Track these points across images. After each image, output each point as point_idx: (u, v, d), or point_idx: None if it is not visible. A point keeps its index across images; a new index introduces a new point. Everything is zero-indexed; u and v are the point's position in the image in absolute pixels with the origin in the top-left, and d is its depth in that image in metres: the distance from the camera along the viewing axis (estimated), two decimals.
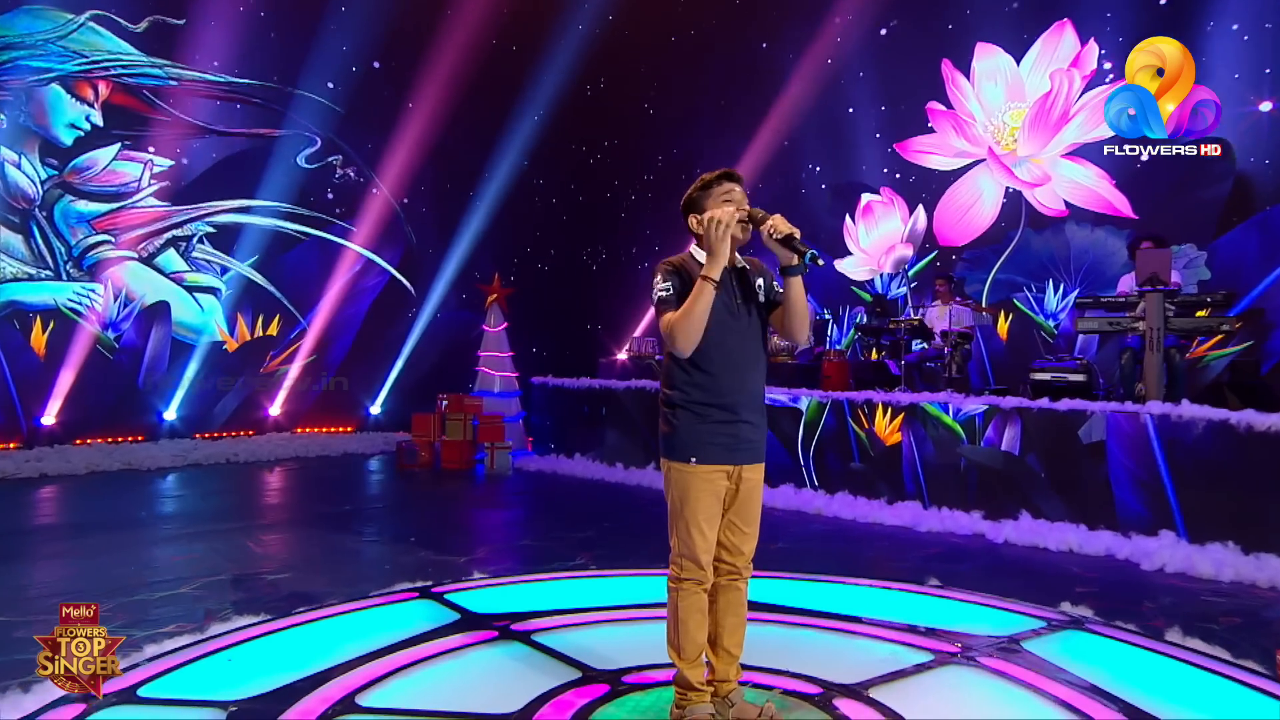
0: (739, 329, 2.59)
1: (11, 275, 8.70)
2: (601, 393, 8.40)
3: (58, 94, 8.90)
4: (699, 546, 2.56)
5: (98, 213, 9.17)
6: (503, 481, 8.13)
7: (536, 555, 5.09)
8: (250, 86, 10.02)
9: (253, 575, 4.59)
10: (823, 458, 6.80)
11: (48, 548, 5.22)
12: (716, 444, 2.55)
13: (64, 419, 8.87)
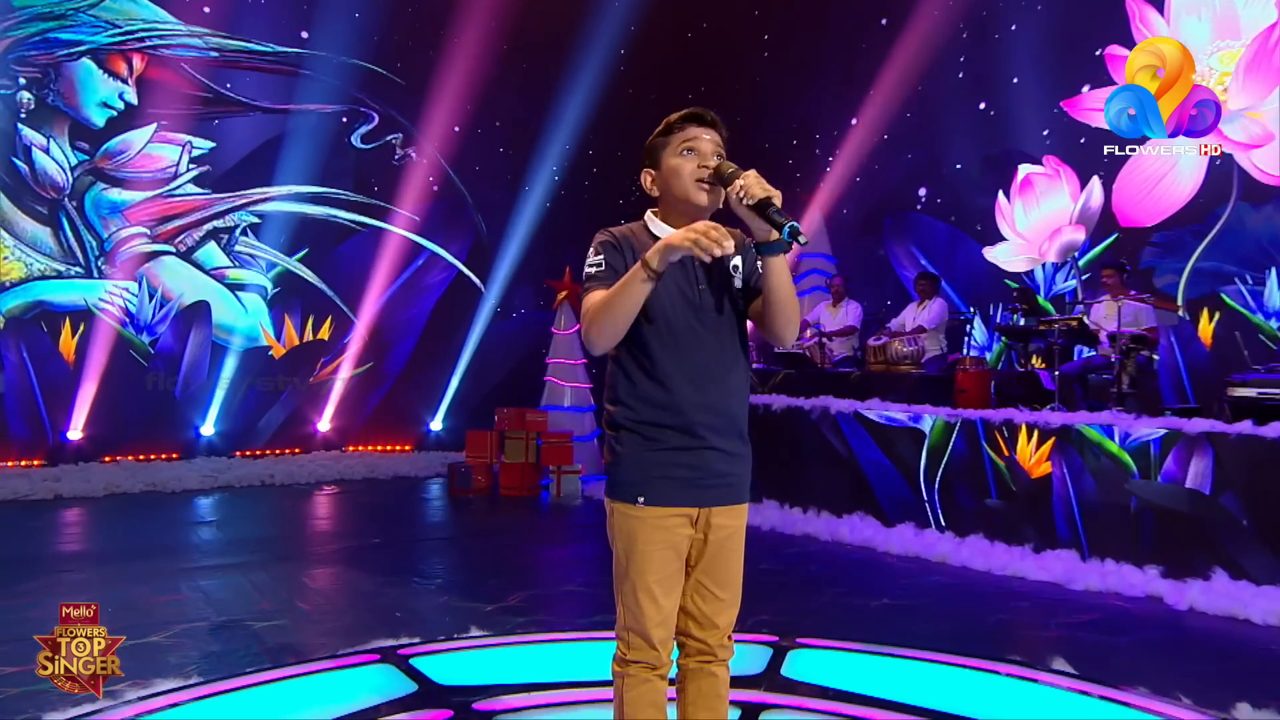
0: (704, 324, 2.21)
1: (39, 272, 9.08)
2: None
3: (89, 69, 9.26)
4: (649, 618, 2.18)
5: (131, 202, 9.48)
6: (569, 512, 7.97)
7: (582, 604, 4.89)
8: (299, 57, 10.19)
9: (237, 623, 4.52)
10: (951, 492, 6.27)
11: (23, 584, 5.27)
12: (673, 479, 2.17)
13: (91, 433, 9.19)
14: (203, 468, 9.15)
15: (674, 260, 2.04)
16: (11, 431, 8.99)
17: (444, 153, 10.92)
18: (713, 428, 2.19)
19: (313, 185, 10.32)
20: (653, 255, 2.03)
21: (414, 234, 10.84)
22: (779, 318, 2.20)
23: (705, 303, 2.21)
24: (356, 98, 10.50)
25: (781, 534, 6.73)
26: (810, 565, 5.86)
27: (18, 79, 8.97)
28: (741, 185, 2.09)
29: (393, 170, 10.73)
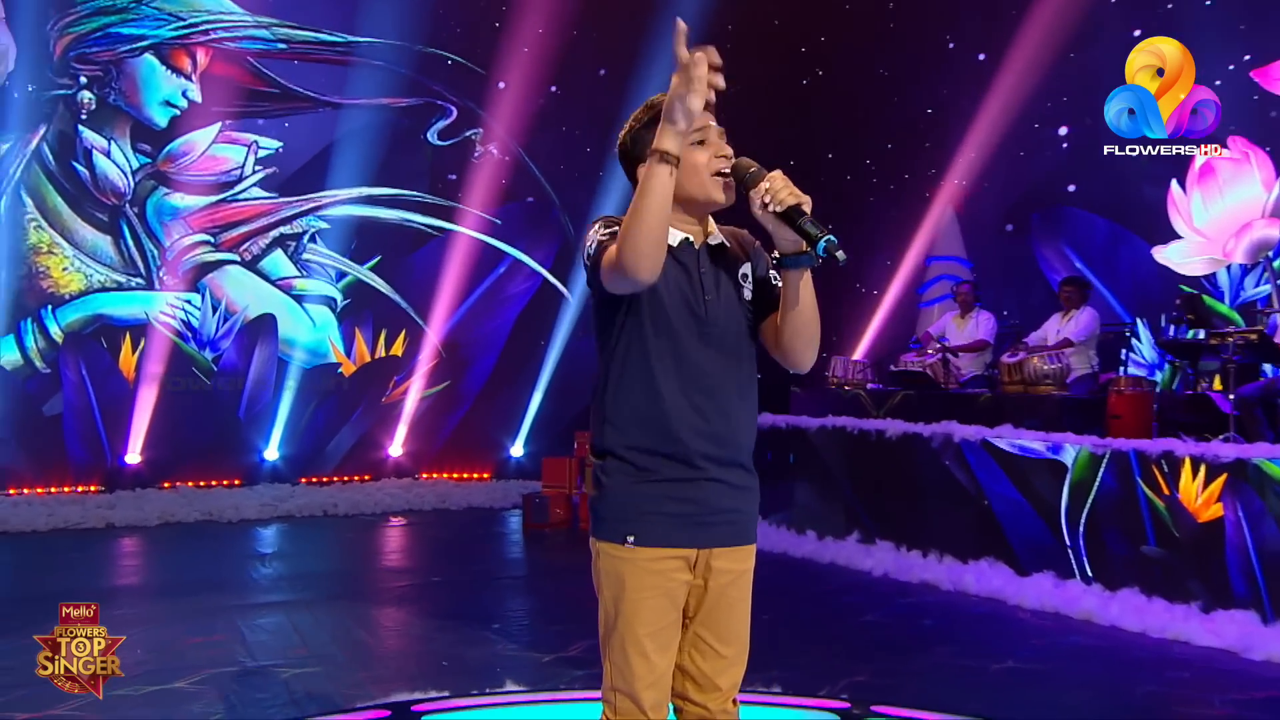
0: (710, 339, 2.16)
1: (99, 284, 9.51)
2: (787, 433, 7.91)
3: (151, 65, 9.68)
4: (639, 677, 2.12)
5: (195, 207, 9.85)
6: None
7: None
8: (372, 46, 10.43)
9: (267, 669, 4.61)
10: (1099, 537, 5.91)
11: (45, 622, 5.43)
12: (668, 515, 2.13)
13: (150, 457, 9.56)
14: (263, 495, 9.41)
15: (689, 125, 1.97)
16: (70, 454, 9.42)
17: (528, 149, 11.00)
18: (715, 457, 2.15)
19: (385, 187, 10.54)
20: (661, 139, 1.95)
21: (494, 239, 10.94)
22: (798, 338, 2.16)
23: (712, 315, 2.16)
24: (434, 90, 10.69)
25: (896, 581, 6.47)
26: (924, 619, 5.61)
27: (79, 78, 9.45)
28: (767, 189, 2.04)
29: (472, 169, 10.86)
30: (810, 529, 7.56)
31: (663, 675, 2.16)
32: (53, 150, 9.42)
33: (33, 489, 9.14)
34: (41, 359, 9.35)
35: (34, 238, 9.38)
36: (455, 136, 10.81)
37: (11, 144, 9.27)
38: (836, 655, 4.84)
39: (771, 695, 4.17)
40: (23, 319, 9.30)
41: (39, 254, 9.41)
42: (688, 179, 2.13)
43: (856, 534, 7.27)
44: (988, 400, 7.16)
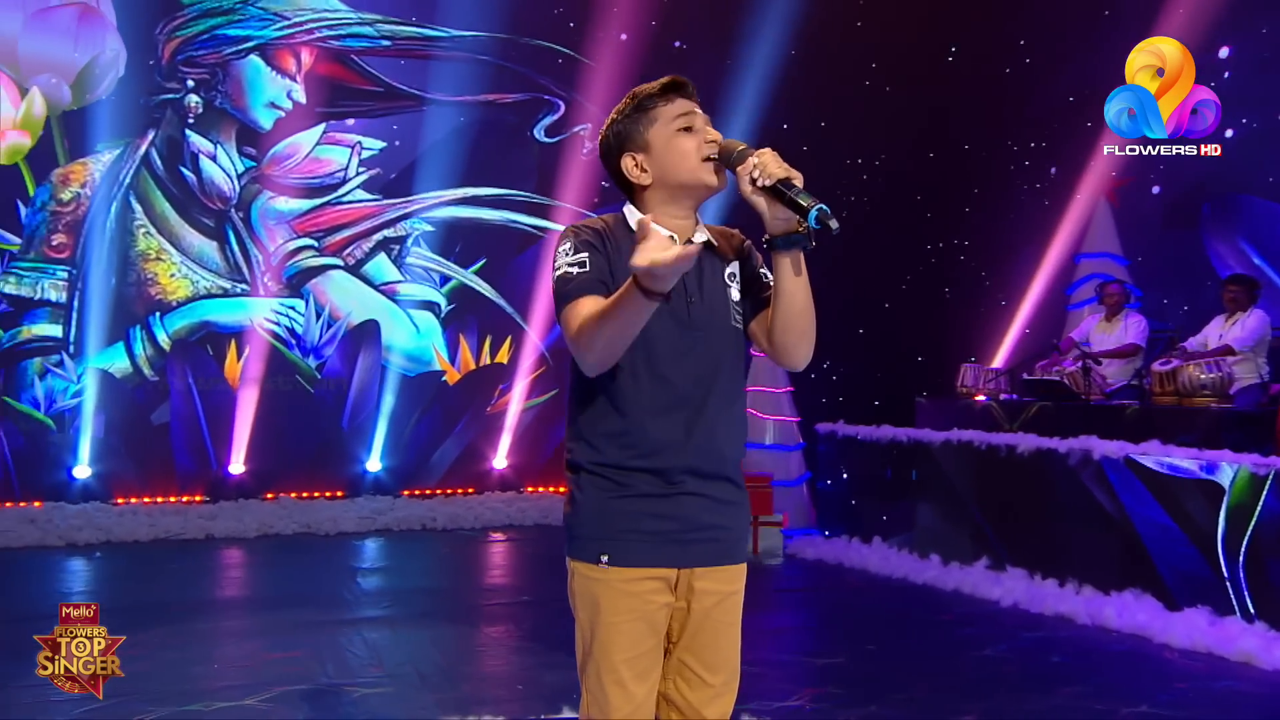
0: (693, 344, 2.15)
1: (205, 291, 9.96)
2: (910, 448, 7.72)
3: (256, 67, 10.11)
4: (615, 708, 2.11)
5: (299, 211, 10.23)
6: (766, 573, 7.82)
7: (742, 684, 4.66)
8: (477, 40, 10.65)
9: (339, 688, 4.73)
10: (1262, 569, 5.58)
11: (140, 633, 5.72)
12: (645, 533, 2.12)
13: (254, 468, 9.95)
14: (363, 508, 9.68)
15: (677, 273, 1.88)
16: (177, 464, 9.89)
17: None
18: (695, 470, 2.13)
19: (490, 187, 10.74)
20: (662, 275, 1.83)
21: None
22: (790, 332, 2.12)
23: (696, 318, 2.15)
24: (540, 84, 10.84)
25: (1026, 613, 6.23)
26: (1052, 655, 5.38)
27: (186, 81, 9.93)
28: (756, 164, 2.04)
29: (580, 166, 10.97)
30: (934, 553, 7.35)
31: (641, 705, 2.14)
32: (161, 155, 9.92)
33: (139, 498, 9.62)
34: (150, 367, 9.84)
35: (142, 244, 9.89)
36: (563, 132, 10.94)
37: (121, 150, 9.81)
38: (945, 692, 4.70)
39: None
40: (131, 326, 9.81)
41: (147, 261, 9.91)
42: (677, 166, 2.17)
43: (985, 560, 7.03)
44: (1135, 413, 6.85)
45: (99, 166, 9.76)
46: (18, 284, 9.54)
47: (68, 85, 9.62)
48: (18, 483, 9.43)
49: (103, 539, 8.65)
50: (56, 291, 9.63)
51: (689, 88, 2.23)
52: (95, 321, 9.70)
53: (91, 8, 9.70)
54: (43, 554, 8.22)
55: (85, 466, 9.54)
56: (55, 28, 9.57)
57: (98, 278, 9.70)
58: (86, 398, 9.62)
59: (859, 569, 7.66)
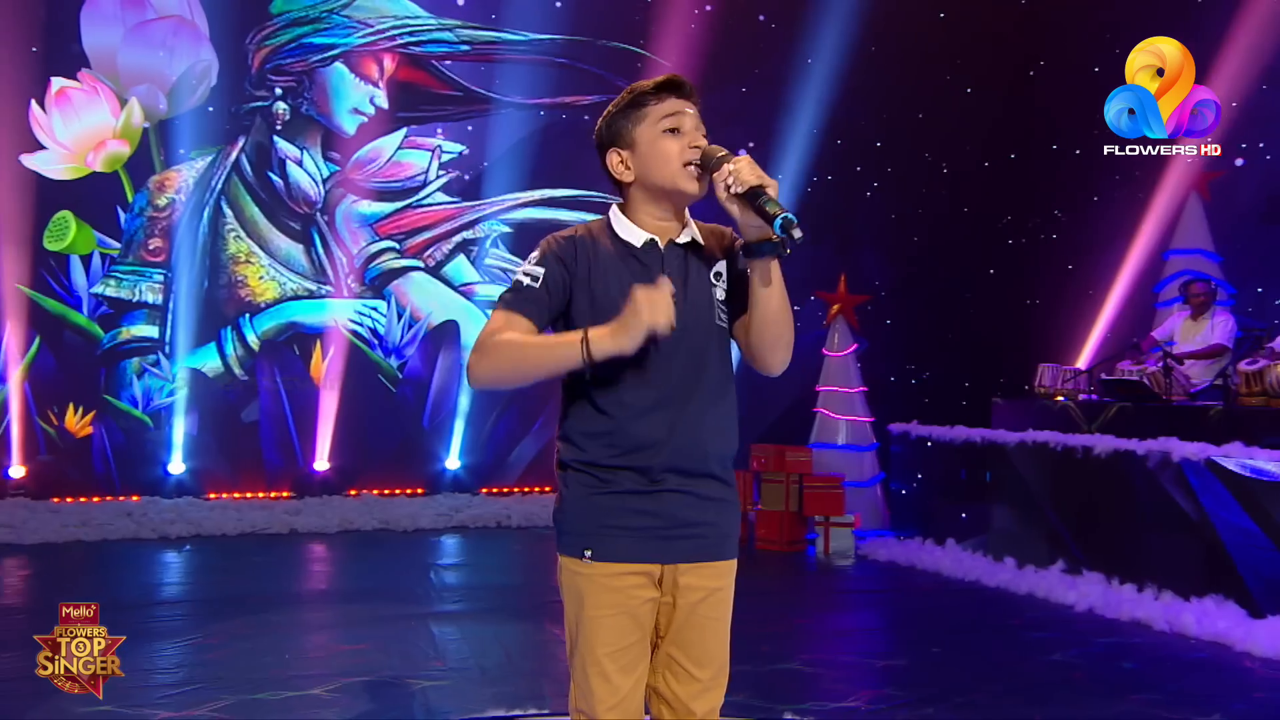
0: (675, 342, 2.13)
1: (292, 292, 10.20)
2: (983, 448, 7.57)
3: (341, 74, 10.32)
4: (600, 700, 2.14)
5: (381, 214, 10.42)
6: (836, 574, 7.76)
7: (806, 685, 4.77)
8: (555, 44, 10.73)
9: (402, 680, 4.80)
10: None
11: (214, 624, 5.90)
12: (628, 529, 2.15)
13: (338, 464, 10.17)
14: (441, 505, 9.84)
15: (633, 343, 2.01)
16: (265, 461, 10.16)
17: (717, 142, 10.98)
18: (678, 468, 2.15)
19: (567, 188, 10.80)
20: (601, 340, 2.01)
21: None
22: (762, 338, 2.14)
23: (679, 318, 2.11)
24: (618, 86, 10.84)
25: (1101, 618, 6.07)
26: (1124, 661, 5.23)
27: (274, 89, 10.19)
28: (731, 171, 2.06)
29: None
30: (1009, 556, 7.19)
31: (626, 697, 2.17)
32: (250, 161, 10.19)
33: (229, 494, 9.90)
34: (240, 366, 10.11)
35: (233, 248, 10.17)
36: None
37: (213, 156, 10.10)
38: (1005, 696, 4.59)
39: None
40: (223, 327, 10.10)
41: (238, 263, 10.19)
42: (657, 169, 2.20)
43: (1061, 563, 6.87)
44: (1219, 414, 6.60)
45: (192, 173, 10.06)
46: (117, 287, 9.88)
47: (164, 95, 9.94)
48: (118, 478, 9.78)
49: (193, 532, 8.93)
50: (153, 294, 9.95)
51: (685, 88, 2.24)
52: (189, 322, 10.00)
53: (186, 20, 10.01)
54: (137, 546, 8.52)
55: (179, 462, 9.84)
56: (152, 40, 9.89)
57: (191, 280, 10.00)
58: (181, 396, 9.93)
59: (931, 571, 7.55)
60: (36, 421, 9.65)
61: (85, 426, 9.80)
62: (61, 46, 9.66)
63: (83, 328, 9.83)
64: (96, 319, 9.83)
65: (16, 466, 9.46)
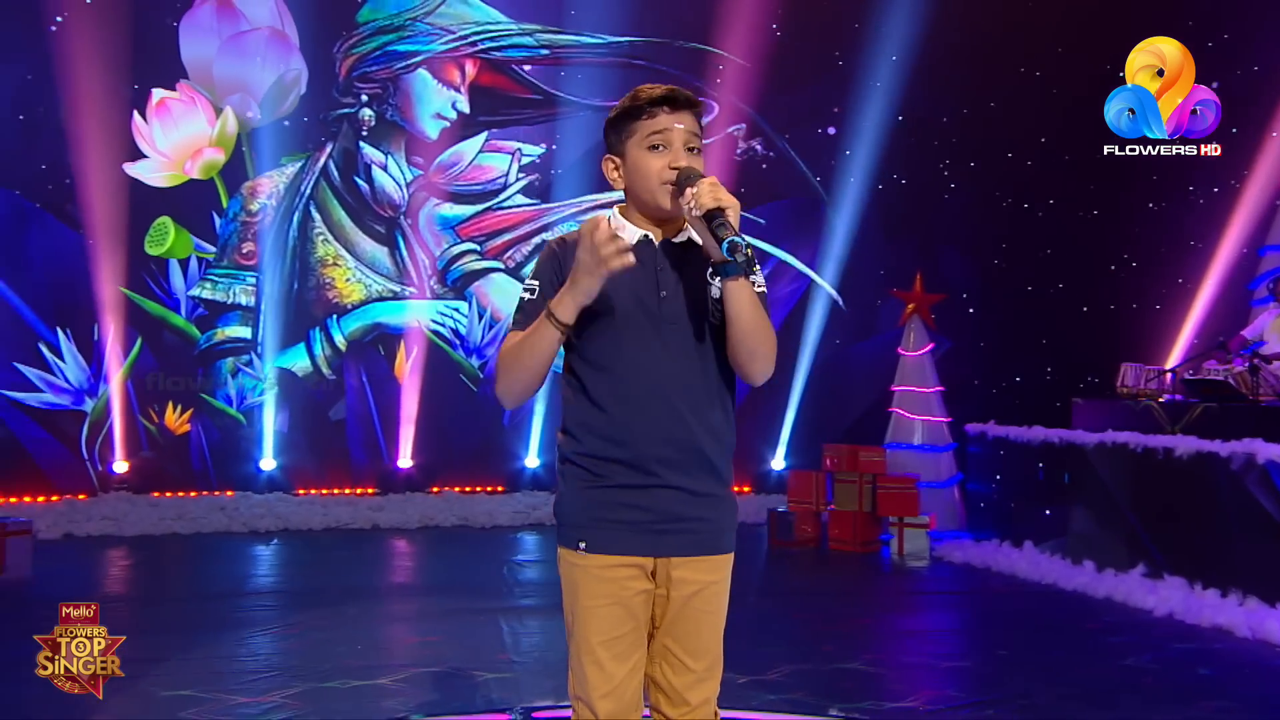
0: (668, 339, 2.19)
1: (377, 294, 10.42)
2: (1061, 449, 7.39)
3: (424, 80, 10.51)
4: (594, 686, 2.19)
5: (462, 217, 10.57)
6: (909, 575, 7.65)
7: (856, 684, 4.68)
8: (633, 46, 10.78)
9: (467, 672, 4.87)
10: None
11: (292, 615, 6.07)
12: (621, 522, 2.19)
13: (421, 462, 10.36)
14: (519, 503, 9.96)
15: (591, 296, 2.09)
16: (352, 458, 10.39)
17: (795, 144, 10.96)
18: (670, 463, 2.18)
19: None
20: (558, 302, 2.11)
21: (758, 239, 10.96)
22: (738, 351, 2.17)
23: (669, 313, 2.20)
24: (695, 86, 10.86)
25: (1181, 623, 5.87)
26: (1201, 667, 5.06)
27: (360, 96, 10.42)
28: (693, 194, 2.08)
29: (734, 167, 10.95)
30: (1088, 559, 7.01)
31: (621, 684, 2.20)
32: (337, 166, 10.44)
33: (317, 490, 10.16)
34: (328, 366, 10.37)
35: (321, 251, 10.42)
36: (717, 134, 10.94)
37: (303, 163, 10.37)
38: (1068, 700, 4.48)
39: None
40: (311, 328, 10.36)
41: (325, 266, 10.44)
42: (640, 184, 2.23)
43: (1142, 567, 6.67)
44: None
45: (283, 179, 10.34)
46: (213, 289, 10.20)
47: (256, 103, 10.23)
48: (214, 474, 10.11)
49: (281, 526, 9.20)
50: (246, 296, 10.25)
51: (679, 101, 2.22)
52: (279, 324, 10.29)
53: (278, 30, 10.28)
54: (229, 539, 8.81)
55: (270, 459, 10.12)
56: (246, 51, 10.19)
57: (281, 283, 10.28)
58: (272, 395, 10.21)
59: (1007, 574, 7.39)
60: (139, 419, 10.02)
61: (183, 424, 10.13)
62: (161, 59, 10.00)
63: (181, 329, 10.18)
64: (193, 320, 10.17)
65: (120, 462, 9.83)
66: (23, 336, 9.67)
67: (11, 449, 9.61)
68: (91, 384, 9.87)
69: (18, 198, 9.68)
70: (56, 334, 9.73)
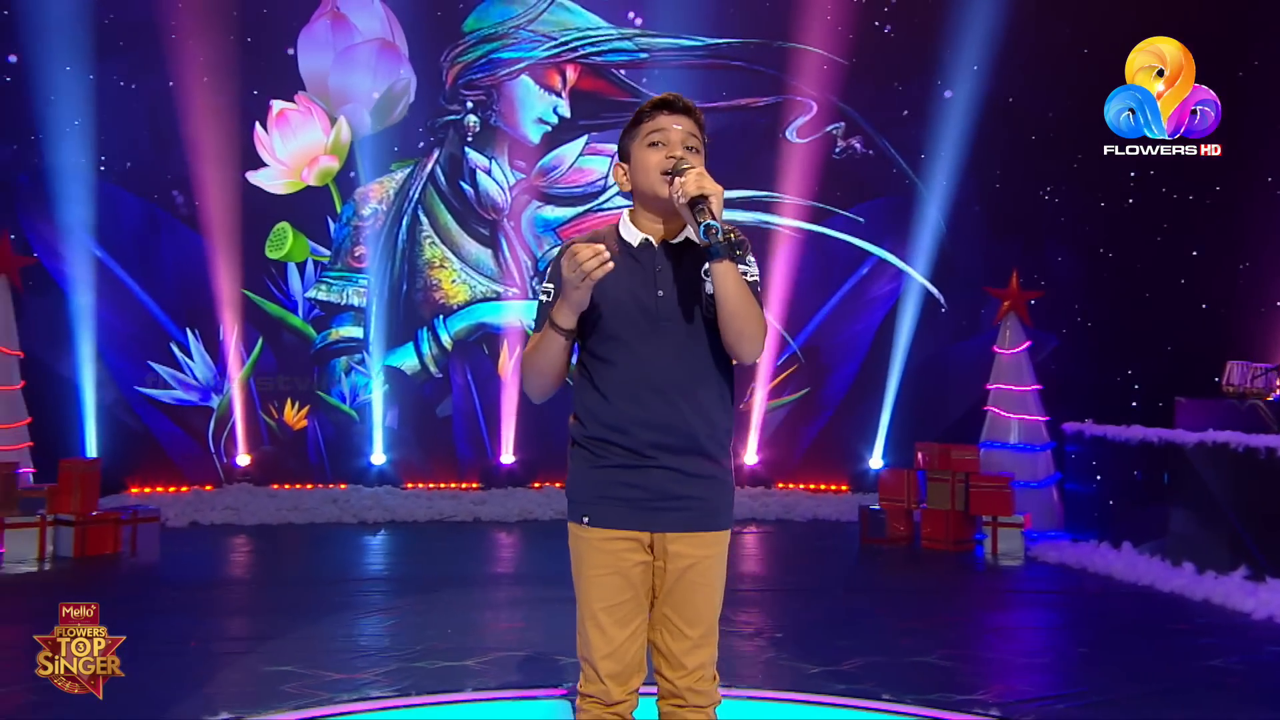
0: (663, 332, 2.38)
1: (481, 295, 10.69)
2: (1161, 449, 7.20)
3: (527, 86, 10.75)
4: (596, 648, 2.42)
5: (563, 219, 10.77)
6: (1001, 574, 7.52)
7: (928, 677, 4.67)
8: (730, 47, 10.84)
9: (549, 656, 4.98)
10: None
11: (393, 600, 6.32)
12: (620, 500, 2.39)
13: (522, 458, 10.61)
14: None
15: (583, 305, 2.28)
16: (458, 453, 10.70)
17: (894, 141, 10.86)
18: (664, 446, 2.36)
19: (743, 189, 10.87)
20: (557, 311, 2.32)
21: (857, 238, 10.91)
22: (727, 332, 2.33)
23: (665, 309, 2.37)
24: (793, 86, 10.86)
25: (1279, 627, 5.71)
26: None
27: (466, 103, 10.71)
28: (680, 182, 2.25)
29: (832, 166, 10.90)
30: (1187, 560, 6.82)
31: (621, 647, 2.40)
32: (444, 172, 10.76)
33: (423, 484, 10.50)
34: (435, 364, 10.69)
35: (428, 253, 10.74)
36: (815, 133, 10.91)
37: (411, 168, 10.72)
38: (1147, 697, 4.39)
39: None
40: (419, 328, 10.70)
41: (433, 268, 10.76)
42: (641, 179, 2.41)
43: (1244, 569, 6.47)
44: None
45: (392, 184, 10.70)
46: (328, 291, 10.61)
47: (368, 112, 10.60)
48: (329, 467, 10.53)
49: (388, 518, 9.54)
50: (358, 297, 10.64)
51: (677, 105, 2.44)
52: (389, 324, 10.66)
53: (388, 42, 10.64)
54: (339, 529, 9.17)
55: (380, 454, 10.49)
56: (358, 63, 10.57)
57: (391, 284, 10.64)
58: (382, 393, 10.57)
59: (1102, 575, 7.24)
60: (260, 415, 10.49)
61: (301, 420, 10.57)
62: (281, 72, 10.45)
63: (298, 329, 10.62)
64: (310, 321, 10.61)
65: (243, 455, 10.32)
66: (156, 337, 10.24)
67: (146, 443, 10.19)
68: (218, 381, 10.39)
69: (151, 206, 10.25)
70: (186, 334, 10.28)
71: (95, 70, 9.86)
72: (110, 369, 10.00)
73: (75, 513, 7.44)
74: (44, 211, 9.78)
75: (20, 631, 5.61)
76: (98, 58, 9.87)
